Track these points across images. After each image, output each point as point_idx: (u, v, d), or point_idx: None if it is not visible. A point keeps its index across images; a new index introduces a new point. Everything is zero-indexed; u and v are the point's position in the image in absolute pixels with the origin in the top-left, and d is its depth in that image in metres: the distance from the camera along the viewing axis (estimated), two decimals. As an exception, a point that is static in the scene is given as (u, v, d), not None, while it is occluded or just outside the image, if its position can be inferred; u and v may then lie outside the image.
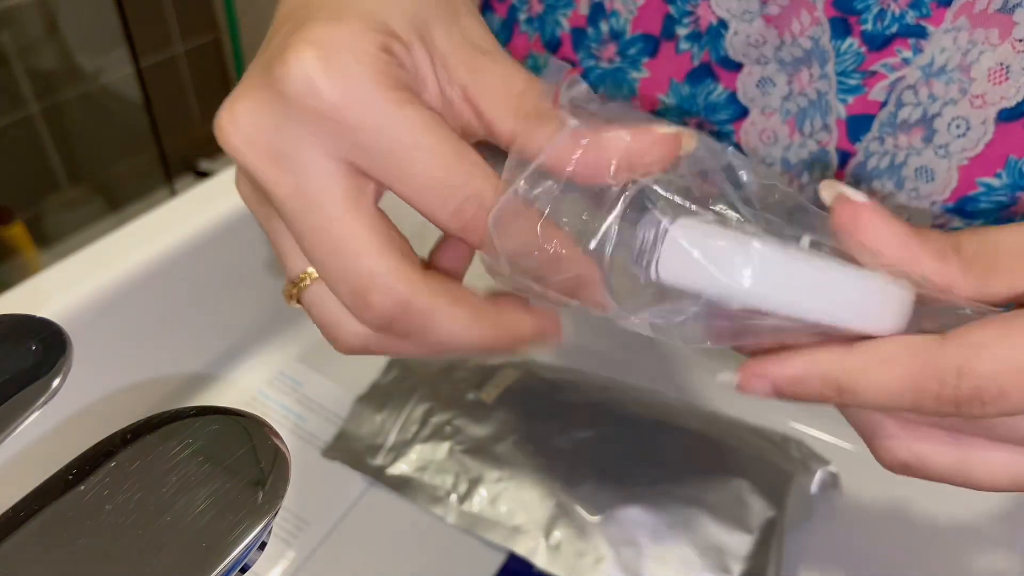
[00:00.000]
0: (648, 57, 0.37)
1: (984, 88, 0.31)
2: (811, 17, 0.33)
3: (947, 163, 0.33)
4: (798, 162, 0.36)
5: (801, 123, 0.35)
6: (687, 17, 0.35)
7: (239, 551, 0.17)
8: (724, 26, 0.34)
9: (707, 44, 0.35)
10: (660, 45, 0.36)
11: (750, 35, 0.34)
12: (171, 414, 0.19)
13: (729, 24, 0.34)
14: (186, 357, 0.45)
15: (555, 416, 0.42)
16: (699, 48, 0.35)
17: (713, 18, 0.34)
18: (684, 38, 0.35)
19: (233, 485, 0.18)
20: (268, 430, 0.20)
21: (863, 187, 0.35)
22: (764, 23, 0.33)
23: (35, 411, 0.19)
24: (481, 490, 0.39)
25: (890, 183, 0.35)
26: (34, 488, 0.18)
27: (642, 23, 0.36)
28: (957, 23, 0.30)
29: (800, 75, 0.34)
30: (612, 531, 0.37)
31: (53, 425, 0.37)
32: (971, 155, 0.32)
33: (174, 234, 0.42)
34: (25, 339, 0.20)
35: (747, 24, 0.34)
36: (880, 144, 0.34)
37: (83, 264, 0.40)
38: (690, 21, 0.35)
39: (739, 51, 0.34)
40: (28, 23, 1.39)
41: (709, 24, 0.34)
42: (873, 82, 0.33)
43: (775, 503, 0.38)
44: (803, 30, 0.33)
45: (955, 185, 0.33)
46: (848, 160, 0.35)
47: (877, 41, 0.32)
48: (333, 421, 0.44)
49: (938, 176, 0.33)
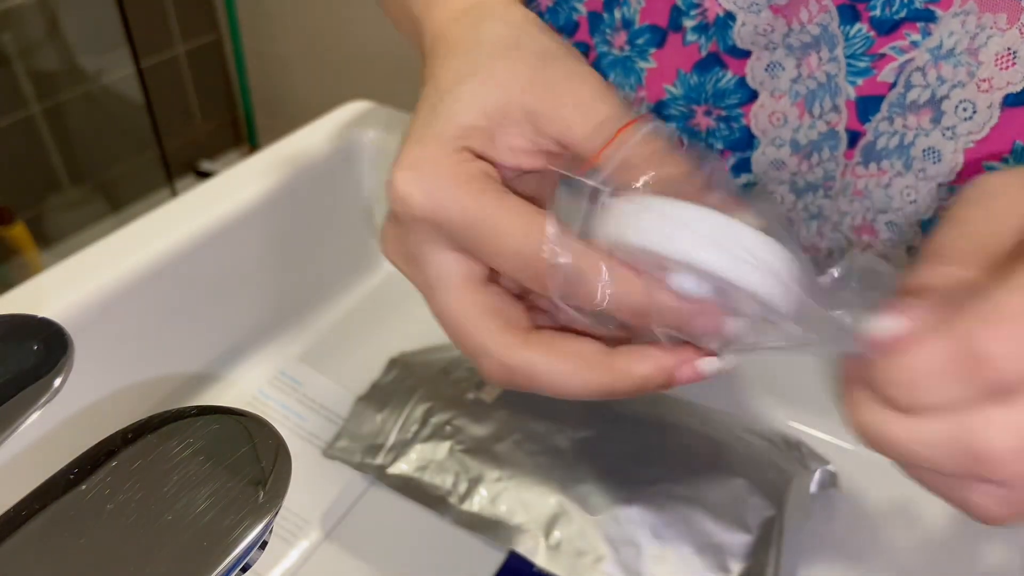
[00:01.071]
0: (655, 48, 0.37)
1: (991, 72, 0.31)
2: (819, 5, 0.33)
3: (954, 145, 0.33)
4: (808, 142, 0.36)
5: (811, 105, 0.35)
6: (694, 9, 0.35)
7: (240, 550, 0.17)
8: (732, 17, 0.34)
9: (715, 35, 0.35)
10: (667, 36, 0.36)
11: (758, 25, 0.34)
12: (172, 414, 0.20)
13: (736, 15, 0.34)
14: (186, 357, 0.45)
15: (555, 416, 0.42)
16: (706, 39, 0.35)
17: (720, 10, 0.34)
18: (691, 30, 0.35)
19: (234, 485, 0.18)
20: (269, 430, 0.20)
21: (872, 166, 0.35)
22: (772, 13, 0.33)
23: (36, 411, 0.20)
24: (481, 490, 0.39)
25: (899, 163, 0.35)
26: (35, 488, 0.18)
27: (649, 14, 0.37)
28: (965, 7, 0.31)
29: (809, 59, 0.34)
30: (612, 530, 0.37)
31: (54, 425, 0.37)
32: (977, 138, 0.32)
33: (175, 234, 0.42)
34: (26, 339, 0.20)
35: (754, 15, 0.34)
36: (889, 124, 0.34)
37: (84, 264, 0.40)
38: (697, 13, 0.35)
39: (747, 40, 0.35)
40: (29, 24, 1.39)
41: (716, 16, 0.35)
42: (882, 64, 0.33)
43: (774, 502, 0.38)
44: (811, 18, 0.33)
45: (961, 167, 0.33)
46: (857, 140, 0.35)
47: (886, 26, 0.32)
48: (333, 421, 0.44)
49: (945, 158, 0.33)
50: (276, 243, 0.48)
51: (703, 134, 0.37)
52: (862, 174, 0.36)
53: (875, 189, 0.36)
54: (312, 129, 0.51)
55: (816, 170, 0.37)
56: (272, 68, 1.70)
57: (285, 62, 1.66)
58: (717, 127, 0.37)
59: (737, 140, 0.37)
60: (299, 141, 0.50)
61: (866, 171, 0.36)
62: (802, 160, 0.37)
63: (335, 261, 0.53)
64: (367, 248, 0.54)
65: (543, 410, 0.42)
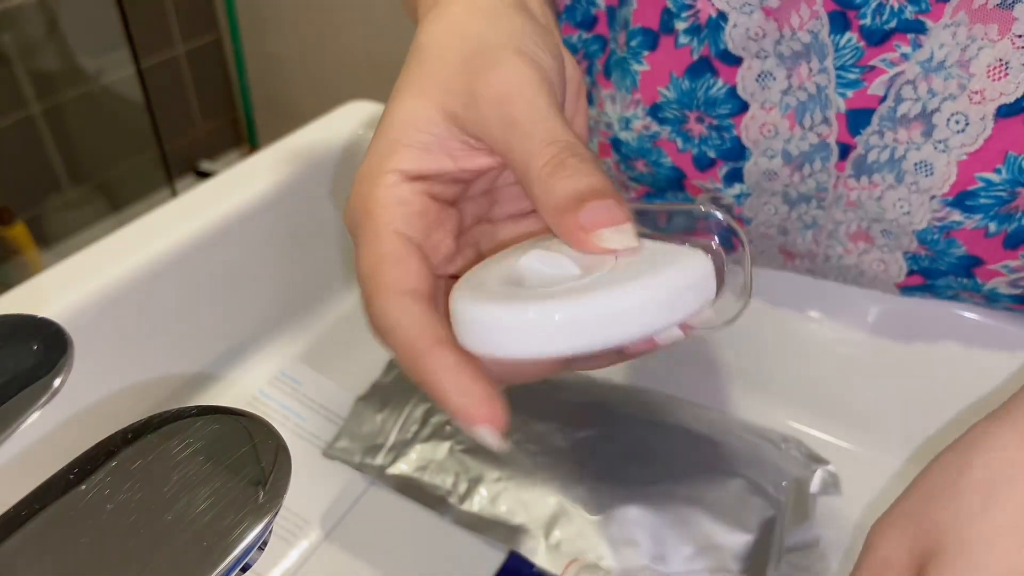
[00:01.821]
0: (648, 51, 0.37)
1: (983, 84, 0.31)
2: (810, 11, 0.33)
3: (946, 157, 0.33)
4: (799, 154, 0.36)
5: (801, 117, 0.35)
6: (686, 11, 0.35)
7: (240, 550, 0.17)
8: (724, 18, 0.34)
9: (707, 37, 0.35)
10: (659, 39, 0.36)
11: (749, 28, 0.34)
12: (172, 414, 0.20)
13: (729, 16, 0.34)
14: (186, 357, 0.45)
15: (555, 416, 0.42)
16: (698, 42, 0.35)
17: (713, 10, 0.34)
18: (683, 32, 0.36)
19: (234, 485, 0.18)
20: (269, 430, 0.20)
21: (864, 179, 0.35)
22: (763, 16, 0.33)
23: (36, 411, 0.20)
24: (481, 490, 0.39)
25: (890, 176, 0.35)
26: (35, 488, 0.18)
27: (642, 16, 0.37)
28: (956, 18, 0.31)
29: (799, 69, 0.34)
30: (612, 530, 0.37)
31: (54, 425, 0.37)
32: (970, 150, 0.32)
33: (175, 234, 0.42)
34: (26, 339, 0.20)
35: (746, 16, 0.34)
36: (880, 138, 0.34)
37: (84, 264, 0.40)
38: (689, 15, 0.35)
39: (739, 44, 0.35)
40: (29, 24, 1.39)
41: (709, 17, 0.35)
42: (872, 77, 0.33)
43: (774, 503, 0.38)
44: (802, 24, 0.33)
45: (954, 180, 0.33)
46: (848, 153, 0.35)
47: (876, 36, 0.32)
48: (333, 421, 0.44)
49: (937, 170, 0.33)
50: (276, 243, 0.48)
51: (696, 140, 0.37)
52: (854, 186, 0.36)
53: (868, 201, 0.36)
54: (312, 129, 0.51)
55: (808, 181, 0.37)
56: (272, 68, 1.70)
57: (285, 62, 1.66)
58: (709, 135, 0.37)
59: (729, 150, 0.37)
60: (299, 141, 0.50)
61: (858, 184, 0.36)
62: (794, 171, 0.37)
63: (335, 261, 0.53)
64: (367, 248, 0.54)
65: (543, 410, 0.42)
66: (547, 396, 0.43)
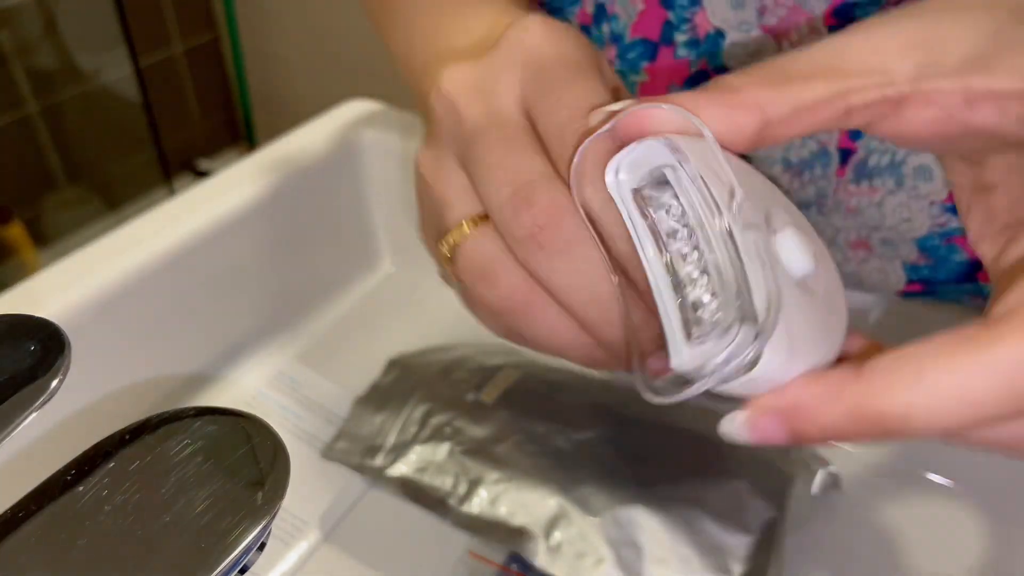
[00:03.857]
0: (647, 62, 0.37)
1: None
2: (810, 27, 0.33)
3: None
4: (799, 160, 0.36)
5: None
6: (685, 24, 0.35)
7: (238, 552, 0.17)
8: (721, 35, 0.34)
9: (704, 52, 0.35)
10: (659, 50, 0.36)
11: (747, 45, 0.34)
12: (170, 414, 0.19)
13: (726, 34, 0.34)
14: (186, 357, 0.45)
15: (555, 416, 0.41)
16: (696, 55, 0.35)
17: (710, 27, 0.34)
18: (682, 44, 0.35)
19: (232, 486, 0.18)
20: (267, 430, 0.19)
21: (864, 184, 0.35)
22: (761, 33, 0.33)
23: (33, 412, 0.19)
24: (481, 491, 0.39)
25: (891, 180, 0.35)
26: (33, 489, 0.18)
27: (641, 28, 0.37)
28: None
29: None
30: (612, 532, 0.37)
31: (51, 426, 0.37)
32: None
33: (173, 234, 0.41)
34: (23, 339, 0.20)
35: (744, 34, 0.34)
36: (880, 142, 0.34)
37: (82, 264, 0.40)
38: (688, 28, 0.35)
39: (738, 61, 0.34)
40: (27, 23, 1.39)
41: (707, 33, 0.34)
42: None
43: (775, 504, 0.37)
44: (802, 39, 0.33)
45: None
46: (849, 158, 0.35)
47: None
48: (333, 421, 0.44)
49: (936, 176, 0.33)
50: (275, 242, 0.48)
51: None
52: (854, 192, 0.36)
53: (868, 207, 0.36)
54: (311, 128, 0.51)
55: (808, 188, 0.37)
56: (271, 67, 1.70)
57: (284, 61, 1.66)
58: None
59: None
60: (298, 140, 0.50)
61: (858, 189, 0.36)
62: (794, 178, 0.37)
63: (334, 261, 0.53)
64: (367, 248, 0.54)
65: (543, 411, 0.42)
66: (547, 396, 0.43)
